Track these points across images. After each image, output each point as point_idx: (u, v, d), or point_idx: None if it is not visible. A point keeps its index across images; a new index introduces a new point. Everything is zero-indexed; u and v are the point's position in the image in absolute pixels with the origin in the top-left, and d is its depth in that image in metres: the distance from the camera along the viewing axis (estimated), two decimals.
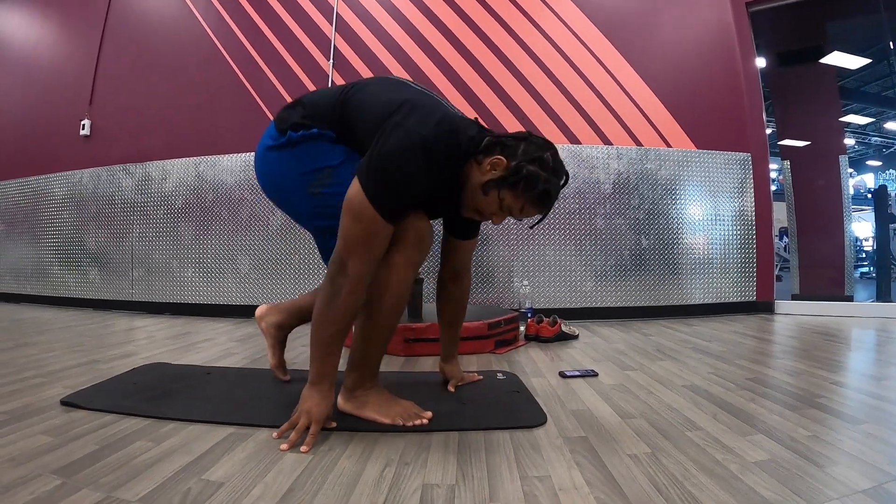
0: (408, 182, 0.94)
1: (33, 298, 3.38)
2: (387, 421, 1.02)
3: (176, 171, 3.05)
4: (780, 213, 3.11)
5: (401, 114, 0.96)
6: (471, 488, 0.76)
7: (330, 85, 2.96)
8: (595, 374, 1.46)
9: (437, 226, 1.23)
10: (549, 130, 2.81)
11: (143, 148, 3.16)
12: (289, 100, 2.95)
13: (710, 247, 2.77)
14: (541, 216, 1.07)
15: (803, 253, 3.06)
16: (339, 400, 1.07)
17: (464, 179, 1.04)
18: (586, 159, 2.74)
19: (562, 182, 1.05)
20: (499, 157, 1.00)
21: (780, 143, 3.29)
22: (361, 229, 0.93)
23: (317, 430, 0.94)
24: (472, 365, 1.66)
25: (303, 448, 0.90)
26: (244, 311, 2.83)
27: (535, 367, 1.60)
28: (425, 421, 1.02)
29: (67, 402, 1.15)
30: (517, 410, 1.12)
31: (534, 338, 2.06)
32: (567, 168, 1.09)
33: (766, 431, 0.95)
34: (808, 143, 3.16)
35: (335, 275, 0.94)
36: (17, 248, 3.47)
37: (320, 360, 0.98)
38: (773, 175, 3.21)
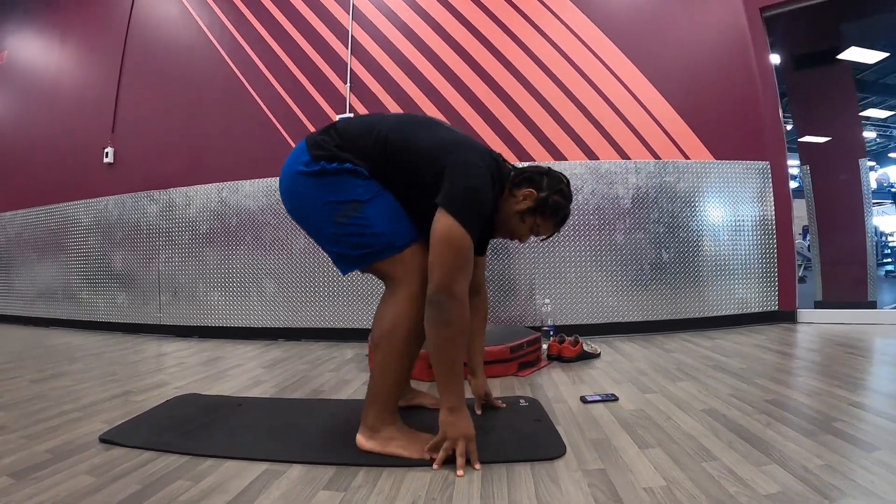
0: (486, 211, 1.11)
1: (63, 322, 3.53)
2: (414, 456, 1.06)
3: (199, 197, 3.16)
4: (801, 210, 3.07)
5: (461, 152, 1.10)
6: None
7: (348, 109, 3.05)
8: (615, 399, 1.48)
9: None
10: (566, 147, 2.84)
11: (166, 174, 3.28)
12: (308, 125, 3.09)
13: (731, 257, 2.76)
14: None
15: (825, 258, 3.01)
16: (360, 438, 1.12)
17: (499, 206, 1.22)
18: (605, 175, 2.76)
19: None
20: (530, 189, 1.21)
21: (798, 147, 3.25)
22: (462, 257, 1.04)
23: (474, 448, 1.03)
24: (495, 389, 1.68)
25: (459, 473, 0.99)
26: (271, 334, 2.92)
27: (556, 390, 1.62)
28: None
29: (106, 440, 1.21)
30: (538, 441, 1.15)
31: (556, 357, 2.08)
32: (585, 184, 1.30)
33: (780, 461, 0.96)
34: (827, 147, 3.12)
35: (444, 301, 1.02)
36: (47, 274, 3.63)
37: (451, 382, 1.05)
38: (793, 172, 3.18)
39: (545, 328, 2.52)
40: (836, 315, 2.65)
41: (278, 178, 1.22)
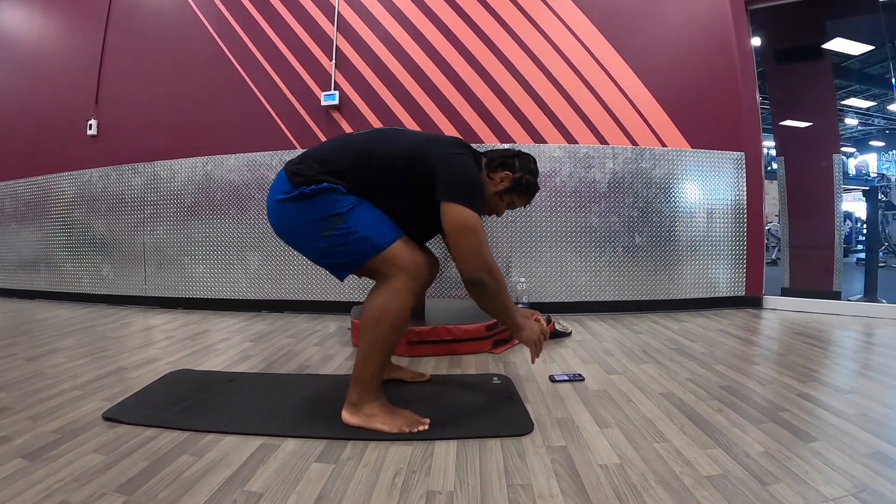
0: (482, 189, 1.28)
1: (48, 294, 3.52)
2: (394, 430, 1.17)
3: (184, 171, 3.15)
4: (775, 192, 3.21)
5: (439, 147, 1.24)
6: (466, 495, 0.91)
7: (333, 86, 3.04)
8: (581, 379, 1.60)
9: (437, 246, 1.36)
10: (546, 130, 2.90)
11: (150, 147, 3.25)
12: (293, 100, 3.08)
13: (702, 243, 2.90)
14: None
15: (794, 247, 3.17)
16: (345, 414, 1.23)
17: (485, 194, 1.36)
18: (583, 158, 2.84)
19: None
20: (506, 172, 1.36)
21: (775, 136, 3.35)
22: (481, 235, 1.18)
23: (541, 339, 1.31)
24: (470, 366, 1.81)
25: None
26: (255, 306, 2.99)
27: (528, 369, 1.75)
28: (426, 426, 1.18)
29: (110, 418, 1.28)
30: (509, 418, 1.27)
31: None
32: (563, 166, 1.89)
33: (724, 446, 1.09)
34: (803, 139, 3.23)
35: (486, 278, 1.18)
36: (30, 246, 3.60)
37: (514, 316, 1.26)
38: (766, 150, 3.28)
39: (520, 305, 2.63)
40: (800, 304, 2.83)
41: (263, 153, 1.30)
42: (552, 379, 1.60)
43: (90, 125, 3.41)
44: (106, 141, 3.41)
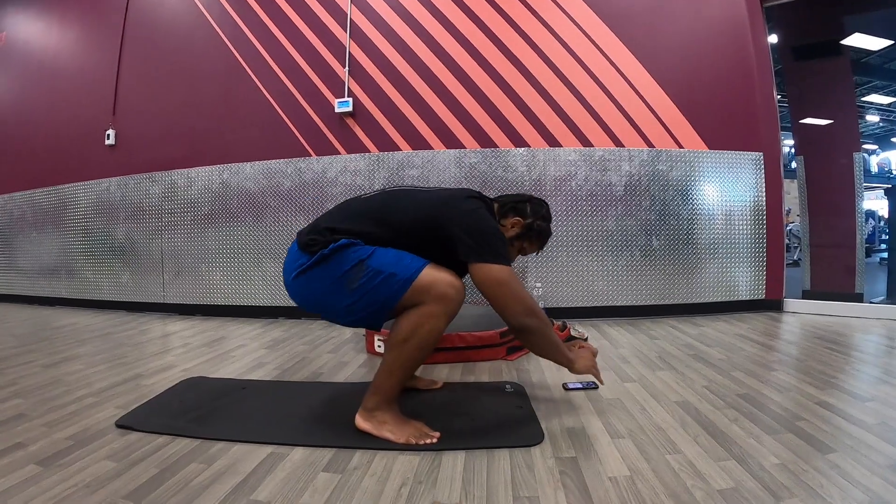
0: (503, 237, 1.28)
1: (68, 301, 3.62)
2: (401, 441, 1.16)
3: (200, 179, 3.21)
4: (795, 192, 3.13)
5: (455, 209, 1.25)
6: None
7: (346, 93, 3.06)
8: (595, 387, 1.57)
9: None
10: (561, 133, 2.87)
11: (167, 156, 3.32)
12: (307, 107, 3.12)
13: (721, 246, 2.83)
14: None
15: (815, 248, 3.08)
16: (358, 418, 1.23)
17: None
18: (598, 162, 2.80)
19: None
20: (517, 217, 1.39)
21: (794, 135, 3.26)
22: (517, 285, 1.20)
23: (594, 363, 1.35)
24: (484, 373, 1.79)
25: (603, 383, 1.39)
26: (272, 312, 3.02)
27: (541, 376, 1.72)
28: (434, 440, 1.16)
29: (122, 426, 1.29)
30: (519, 428, 1.24)
31: None
32: (579, 170, 2.01)
33: (739, 457, 1.05)
34: (823, 138, 3.14)
35: (531, 321, 1.21)
36: (50, 253, 3.71)
37: (562, 353, 1.30)
38: (786, 150, 3.19)
39: None
40: (821, 307, 2.73)
41: (278, 161, 1.30)
42: (565, 387, 1.57)
43: (108, 135, 3.51)
44: (123, 150, 3.49)
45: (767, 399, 1.41)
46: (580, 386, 1.58)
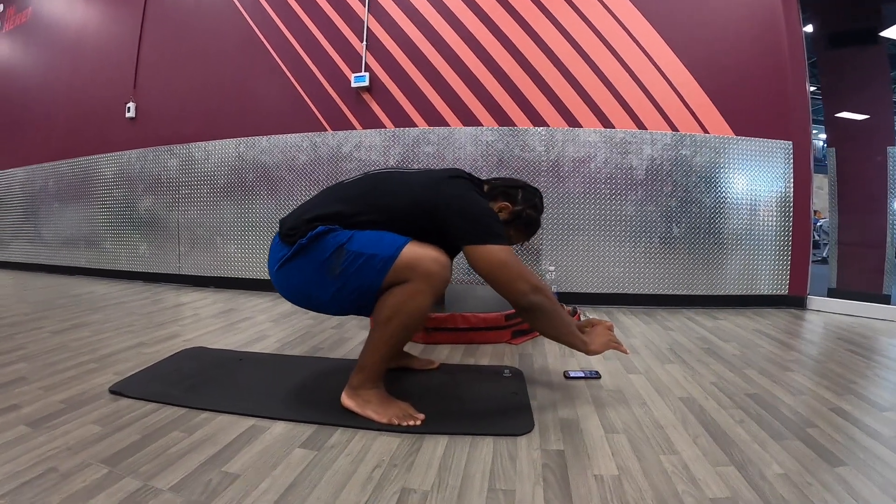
0: (496, 216, 1.22)
1: (87, 271, 3.72)
2: (383, 421, 1.13)
3: (217, 152, 3.22)
4: (826, 187, 2.93)
5: (444, 192, 1.18)
6: (441, 496, 0.85)
7: (364, 67, 3.00)
8: (598, 377, 1.50)
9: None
10: (581, 113, 2.75)
11: (185, 129, 3.35)
12: (323, 82, 3.06)
13: (744, 237, 2.68)
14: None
15: (843, 245, 2.89)
16: (344, 396, 1.20)
17: None
18: (619, 144, 2.68)
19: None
20: (506, 203, 1.32)
21: (826, 127, 3.04)
22: (516, 264, 1.14)
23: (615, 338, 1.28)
24: (485, 356, 1.74)
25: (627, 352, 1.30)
26: None
27: (544, 362, 1.66)
28: (418, 422, 1.13)
29: (115, 391, 1.30)
30: (510, 415, 1.19)
31: None
32: (599, 152, 1.87)
33: (739, 463, 0.97)
34: (856, 131, 2.92)
35: (535, 299, 1.14)
36: (71, 224, 3.80)
37: (574, 336, 1.21)
38: (818, 143, 2.97)
39: None
40: (846, 306, 2.56)
41: (294, 135, 1.25)
42: (566, 375, 1.51)
43: (128, 108, 3.54)
44: (143, 123, 3.53)
45: (778, 401, 1.31)
46: (582, 375, 1.51)
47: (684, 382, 1.46)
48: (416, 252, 1.12)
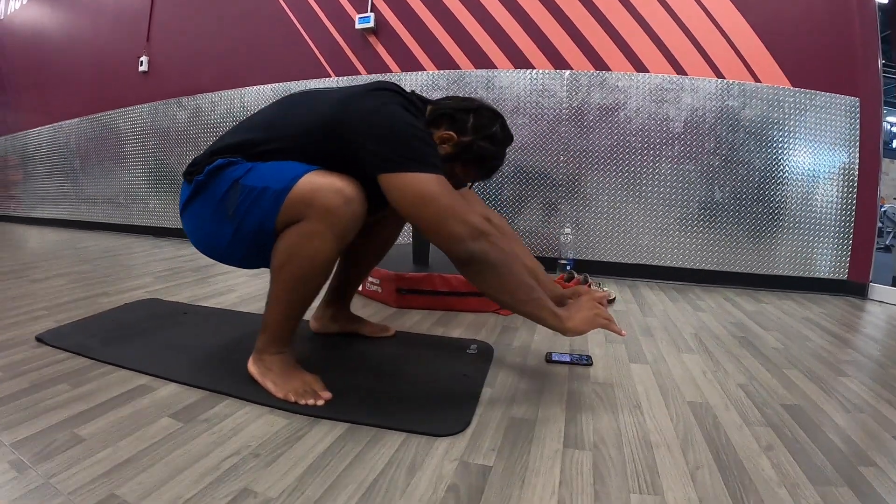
0: (427, 134, 0.91)
1: (103, 226, 3.73)
2: (279, 395, 0.92)
3: (223, 103, 3.09)
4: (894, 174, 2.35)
5: (356, 107, 0.90)
6: None
7: (370, 7, 2.70)
8: (588, 363, 1.20)
9: None
10: (610, 55, 2.33)
11: (195, 81, 3.24)
12: (329, 26, 2.81)
13: (798, 208, 2.20)
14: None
15: None
16: (250, 361, 1.00)
17: None
18: (654, 91, 2.26)
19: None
20: (449, 132, 0.99)
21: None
22: (449, 197, 0.85)
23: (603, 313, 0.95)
24: (460, 326, 1.48)
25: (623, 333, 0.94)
26: None
27: (528, 339, 1.38)
28: (319, 403, 0.90)
29: (39, 339, 1.22)
30: (444, 406, 0.92)
31: None
32: (630, 99, 1.42)
33: None
34: None
35: (471, 249, 0.85)
36: (91, 181, 3.81)
37: (539, 308, 0.89)
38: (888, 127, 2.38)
39: (563, 261, 2.21)
40: None
41: (297, 82, 1.03)
42: (548, 358, 1.21)
43: (141, 62, 3.46)
44: (155, 77, 3.44)
45: (825, 419, 0.94)
46: (567, 359, 1.21)
47: (701, 381, 1.11)
48: (313, 183, 0.86)
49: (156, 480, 0.67)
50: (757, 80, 2.19)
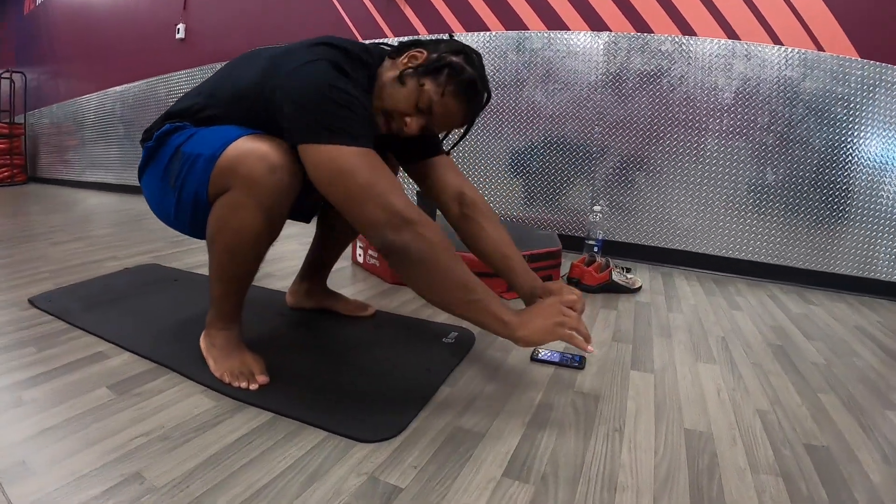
0: (354, 102, 0.76)
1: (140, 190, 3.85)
2: (217, 374, 0.88)
3: None
4: None
5: (283, 66, 0.79)
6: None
7: None
8: (579, 366, 1.06)
9: None
10: (653, 16, 2.06)
11: (229, 47, 3.23)
12: None
13: (861, 198, 1.86)
14: (465, 127, 0.91)
15: None
16: (202, 335, 0.96)
17: (375, 91, 0.87)
18: (701, 57, 1.98)
19: (485, 98, 0.88)
20: (418, 50, 0.86)
21: None
22: (369, 173, 0.73)
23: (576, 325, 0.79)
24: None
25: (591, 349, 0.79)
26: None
27: None
28: (253, 386, 0.84)
29: (31, 301, 1.23)
30: (385, 406, 0.83)
31: (576, 283, 1.64)
32: (674, 65, 1.36)
33: None
34: None
35: (408, 230, 0.73)
36: (134, 147, 3.90)
37: (480, 307, 0.77)
38: None
39: (590, 241, 2.03)
40: None
41: None
42: (534, 356, 1.08)
43: (178, 29, 3.49)
44: (192, 44, 3.46)
45: (857, 472, 0.73)
46: (556, 359, 1.08)
47: (712, 402, 0.93)
48: (240, 149, 0.78)
49: (64, 452, 0.65)
50: (820, 48, 1.86)
